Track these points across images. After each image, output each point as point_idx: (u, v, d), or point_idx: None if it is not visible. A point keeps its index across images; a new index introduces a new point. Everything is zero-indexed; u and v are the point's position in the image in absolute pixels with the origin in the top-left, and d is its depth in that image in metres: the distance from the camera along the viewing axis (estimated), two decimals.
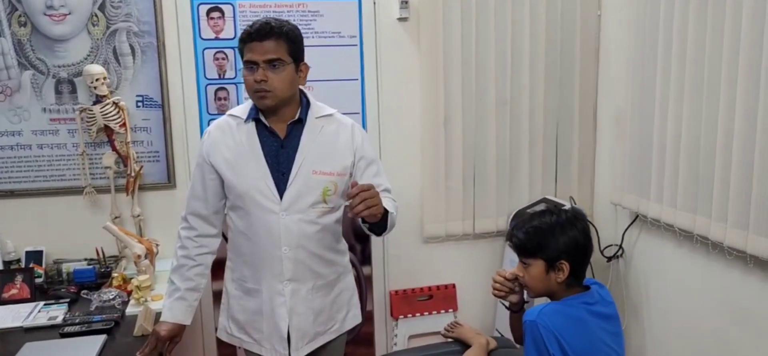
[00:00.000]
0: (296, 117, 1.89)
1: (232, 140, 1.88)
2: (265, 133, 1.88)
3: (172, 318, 1.90)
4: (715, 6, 2.13)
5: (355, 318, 2.09)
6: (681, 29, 2.30)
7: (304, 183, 1.85)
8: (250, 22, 1.85)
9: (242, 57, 1.84)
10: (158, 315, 2.20)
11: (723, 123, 2.13)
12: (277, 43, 1.79)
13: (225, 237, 2.04)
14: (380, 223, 1.76)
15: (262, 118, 1.88)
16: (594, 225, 2.93)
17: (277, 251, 1.85)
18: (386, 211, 1.76)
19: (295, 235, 1.85)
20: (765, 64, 1.93)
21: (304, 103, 1.93)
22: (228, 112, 1.97)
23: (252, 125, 1.88)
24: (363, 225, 1.78)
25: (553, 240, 1.73)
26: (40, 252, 2.59)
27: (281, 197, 1.84)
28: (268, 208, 1.83)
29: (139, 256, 2.38)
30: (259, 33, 1.78)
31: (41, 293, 2.44)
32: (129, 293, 2.36)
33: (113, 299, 2.31)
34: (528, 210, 2.88)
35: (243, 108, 1.94)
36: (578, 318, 1.72)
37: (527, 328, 1.71)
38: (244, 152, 1.86)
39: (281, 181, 1.85)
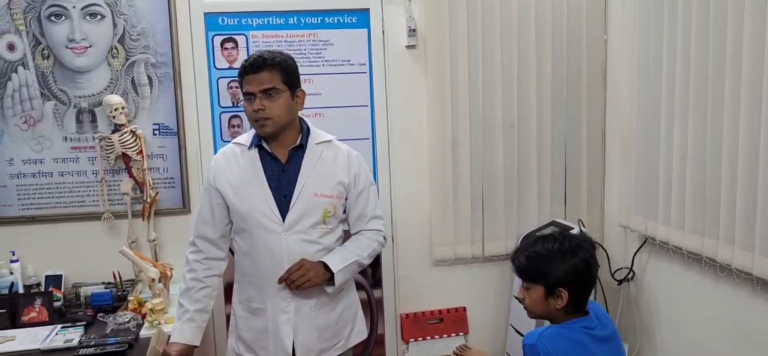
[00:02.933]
0: (297, 143, 1.98)
1: (236, 166, 1.97)
2: (267, 159, 1.98)
3: (181, 339, 1.96)
4: (717, 30, 2.15)
5: (360, 333, 2.14)
6: (684, 54, 2.32)
7: (306, 205, 1.93)
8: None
9: (242, 90, 1.94)
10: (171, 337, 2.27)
11: (727, 145, 2.13)
12: (271, 73, 1.89)
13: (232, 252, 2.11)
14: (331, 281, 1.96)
15: (265, 145, 1.96)
16: (604, 249, 2.94)
17: (279, 270, 1.93)
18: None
19: (297, 254, 1.92)
20: (766, 86, 1.94)
21: (305, 130, 2.03)
22: (233, 140, 2.07)
23: (255, 151, 1.98)
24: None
25: (554, 268, 1.74)
26: (60, 277, 2.67)
27: (283, 218, 1.92)
28: (271, 229, 1.91)
29: (153, 280, 2.45)
30: (253, 66, 1.89)
31: (59, 316, 2.51)
32: (143, 316, 2.42)
33: (128, 322, 2.38)
34: (536, 234, 2.90)
35: (246, 136, 2.04)
36: (579, 342, 1.73)
37: (527, 351, 1.73)
38: (247, 177, 1.95)
39: (283, 204, 1.93)
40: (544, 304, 1.78)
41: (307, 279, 1.88)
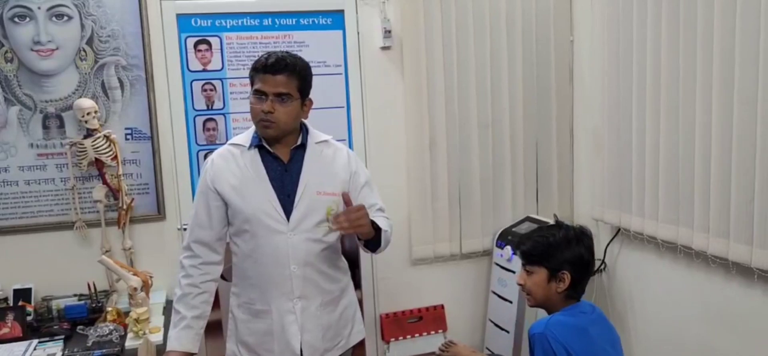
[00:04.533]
0: (298, 143, 1.97)
1: (236, 167, 1.93)
2: (268, 158, 1.95)
3: (179, 347, 1.89)
4: (687, 21, 2.25)
5: (359, 333, 2.15)
6: (655, 47, 2.43)
7: (310, 204, 1.92)
8: (240, 54, 1.93)
9: (252, 84, 1.90)
10: (157, 347, 2.20)
11: (700, 136, 2.24)
12: (289, 78, 1.86)
13: (223, 278, 2.06)
14: (374, 240, 1.93)
15: (266, 144, 1.93)
16: None
17: (285, 270, 1.90)
18: (379, 229, 1.90)
19: (303, 253, 1.91)
20: (738, 76, 2.06)
21: (304, 130, 2.01)
22: (229, 142, 2.03)
23: (255, 151, 1.94)
24: (359, 241, 1.94)
25: (559, 252, 1.82)
26: (29, 290, 2.55)
27: (288, 218, 1.89)
28: (276, 229, 1.89)
29: (135, 289, 2.36)
30: (274, 67, 1.85)
31: (32, 331, 2.40)
32: (125, 326, 2.34)
33: (110, 333, 2.29)
34: (512, 229, 2.98)
35: (244, 137, 2.00)
36: (581, 327, 1.80)
37: (536, 341, 1.78)
38: (249, 177, 1.91)
39: (287, 203, 1.91)
40: (545, 288, 1.86)
41: (361, 224, 1.80)
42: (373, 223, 1.88)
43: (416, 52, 2.90)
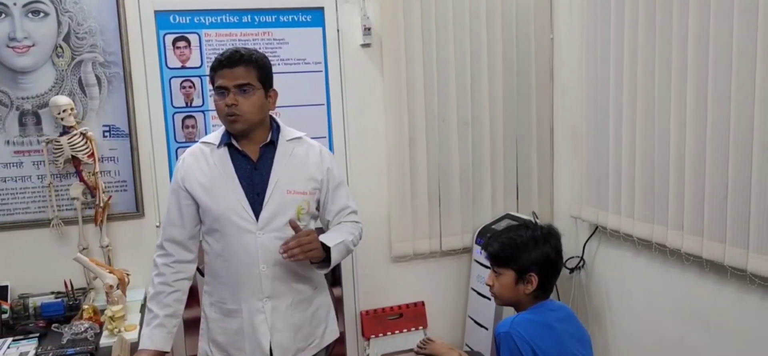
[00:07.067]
0: (268, 140, 1.96)
1: (206, 165, 1.93)
2: (237, 157, 1.94)
3: (151, 346, 1.89)
4: (663, 24, 2.27)
5: (333, 333, 2.14)
6: (631, 49, 2.45)
7: (280, 203, 1.91)
8: (219, 51, 1.93)
9: (213, 84, 1.90)
10: (132, 345, 2.20)
11: (675, 136, 2.26)
12: (247, 69, 1.87)
13: (200, 272, 2.05)
14: (324, 261, 1.90)
15: (235, 143, 1.93)
16: None
17: (254, 269, 1.90)
18: (328, 251, 1.88)
19: (272, 253, 1.89)
20: (712, 78, 2.07)
21: (275, 127, 2.00)
22: (200, 140, 2.02)
23: (225, 150, 1.94)
24: (311, 264, 1.92)
25: (526, 254, 1.82)
26: (5, 288, 2.54)
27: (257, 217, 1.89)
28: (245, 228, 1.88)
29: (111, 287, 2.36)
30: (230, 60, 1.86)
31: (7, 329, 2.38)
32: (101, 324, 2.34)
33: (85, 331, 2.28)
34: (492, 226, 2.99)
35: (215, 135, 2.00)
36: (548, 325, 1.81)
37: (502, 339, 1.79)
38: (218, 176, 1.91)
39: (256, 202, 1.90)
40: (513, 289, 1.86)
41: (311, 249, 1.82)
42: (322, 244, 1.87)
43: (396, 49, 2.90)
